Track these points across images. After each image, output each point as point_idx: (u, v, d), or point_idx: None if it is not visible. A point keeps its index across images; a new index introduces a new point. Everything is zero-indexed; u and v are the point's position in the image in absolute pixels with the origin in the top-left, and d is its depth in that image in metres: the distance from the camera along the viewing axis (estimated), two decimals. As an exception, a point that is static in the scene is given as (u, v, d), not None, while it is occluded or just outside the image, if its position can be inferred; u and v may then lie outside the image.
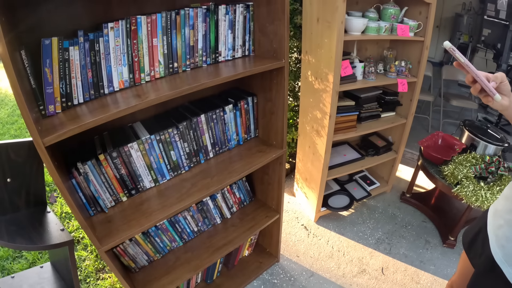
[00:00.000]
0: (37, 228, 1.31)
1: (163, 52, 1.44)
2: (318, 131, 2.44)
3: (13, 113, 6.43)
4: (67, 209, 3.29)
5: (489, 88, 1.03)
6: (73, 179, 1.37)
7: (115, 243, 1.35)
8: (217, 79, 1.43)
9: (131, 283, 1.68)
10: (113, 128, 1.64)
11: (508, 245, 1.12)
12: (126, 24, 1.31)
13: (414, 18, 2.42)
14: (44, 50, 1.15)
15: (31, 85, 1.15)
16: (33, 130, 1.00)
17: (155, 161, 1.59)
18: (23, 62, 1.10)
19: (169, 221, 1.81)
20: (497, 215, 1.22)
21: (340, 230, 2.80)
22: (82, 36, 1.22)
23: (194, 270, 1.80)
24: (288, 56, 1.64)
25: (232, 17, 1.61)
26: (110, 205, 1.54)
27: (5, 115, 6.10)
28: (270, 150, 1.89)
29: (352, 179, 3.12)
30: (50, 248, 1.26)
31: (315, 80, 2.33)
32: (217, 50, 1.62)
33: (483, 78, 1.02)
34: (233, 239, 1.98)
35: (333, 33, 2.03)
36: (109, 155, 1.44)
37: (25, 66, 1.11)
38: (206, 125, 1.72)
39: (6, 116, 6.03)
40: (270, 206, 2.22)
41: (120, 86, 1.38)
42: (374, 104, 2.69)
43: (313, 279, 2.39)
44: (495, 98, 1.03)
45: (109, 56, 1.31)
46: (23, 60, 1.10)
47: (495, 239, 1.19)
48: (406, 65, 2.54)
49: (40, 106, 1.20)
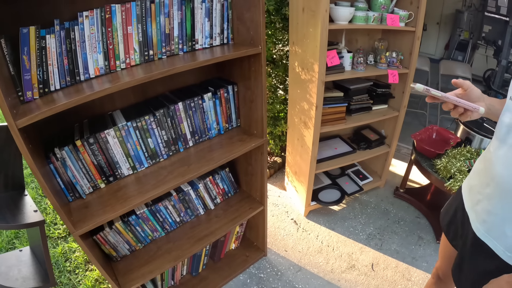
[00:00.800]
0: (13, 209, 1.41)
1: (138, 40, 1.53)
2: (305, 123, 2.52)
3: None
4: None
5: (472, 107, 1.11)
6: (50, 164, 1.47)
7: (89, 227, 1.44)
8: (190, 63, 1.52)
9: (112, 272, 1.77)
10: (93, 116, 1.73)
11: (490, 218, 1.16)
12: (100, 13, 1.40)
13: (405, 8, 2.47)
14: (22, 39, 1.24)
15: (10, 72, 1.25)
16: (7, 113, 1.09)
17: (132, 148, 1.69)
18: (2, 50, 1.20)
19: (149, 210, 1.90)
20: (473, 192, 1.26)
21: (331, 225, 2.88)
22: (58, 24, 1.32)
23: (174, 260, 1.89)
24: (265, 43, 1.71)
25: (209, 5, 1.69)
26: (88, 191, 1.63)
27: None
28: (251, 140, 1.97)
29: (345, 174, 3.20)
30: (21, 227, 1.36)
31: (301, 70, 2.42)
32: (193, 38, 1.70)
33: (464, 101, 1.11)
34: (215, 230, 2.07)
35: (317, 22, 2.10)
36: (86, 141, 1.53)
37: (4, 54, 1.21)
38: (184, 113, 1.81)
39: None
40: (254, 197, 2.31)
41: (95, 73, 1.47)
42: (364, 96, 2.76)
43: (300, 274, 2.46)
44: (480, 111, 1.12)
45: (84, 44, 1.41)
46: (3, 48, 1.20)
47: (475, 215, 1.23)
48: (398, 56, 2.61)
49: (19, 92, 1.29)
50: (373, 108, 2.85)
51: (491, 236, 1.15)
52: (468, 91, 1.15)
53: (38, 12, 1.37)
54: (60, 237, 2.83)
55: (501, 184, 1.09)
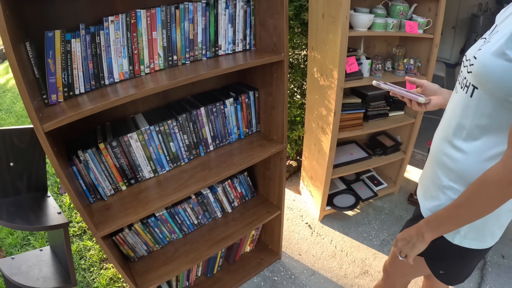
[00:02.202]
0: (36, 210, 1.39)
1: (163, 45, 1.51)
2: (323, 128, 2.48)
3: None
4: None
5: (413, 97, 1.29)
6: (73, 166, 1.45)
7: (111, 229, 1.42)
8: (214, 71, 1.49)
9: (130, 272, 1.76)
10: (115, 119, 1.72)
11: (424, 181, 1.25)
12: (126, 18, 1.38)
13: (424, 15, 2.42)
14: (47, 42, 1.23)
15: (35, 75, 1.23)
16: (33, 116, 1.07)
17: (155, 152, 1.66)
18: (27, 53, 1.18)
19: (168, 212, 1.88)
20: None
21: (345, 230, 2.83)
22: (84, 29, 1.30)
23: (191, 262, 1.86)
24: (288, 50, 1.68)
25: (232, 11, 1.66)
26: (109, 193, 1.62)
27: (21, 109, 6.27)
28: (271, 145, 1.94)
29: (359, 179, 3.14)
30: (46, 229, 1.34)
31: (320, 76, 2.38)
32: (217, 44, 1.68)
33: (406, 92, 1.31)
34: (233, 233, 2.04)
35: (337, 29, 2.06)
36: (109, 144, 1.52)
37: (29, 56, 1.19)
38: (206, 118, 1.79)
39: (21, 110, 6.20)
40: (271, 202, 2.27)
41: (120, 77, 1.46)
42: (381, 102, 2.71)
43: (313, 278, 2.42)
44: (419, 100, 1.27)
45: (109, 48, 1.39)
46: (28, 51, 1.18)
47: (419, 184, 1.33)
48: (415, 63, 2.55)
49: (44, 95, 1.28)
50: (390, 114, 2.79)
51: (424, 198, 1.24)
52: (424, 88, 1.34)
53: (60, 16, 1.36)
54: (75, 235, 2.83)
55: (431, 150, 1.20)
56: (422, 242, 1.12)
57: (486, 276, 2.38)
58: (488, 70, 0.88)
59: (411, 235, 1.15)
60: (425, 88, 1.33)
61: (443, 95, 1.29)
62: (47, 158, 1.26)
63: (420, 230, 1.12)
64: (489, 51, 0.88)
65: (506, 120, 0.90)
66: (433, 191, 1.17)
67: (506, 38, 0.83)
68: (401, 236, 1.20)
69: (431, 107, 1.29)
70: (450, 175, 1.08)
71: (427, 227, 1.10)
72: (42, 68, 1.26)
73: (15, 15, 1.11)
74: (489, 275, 2.39)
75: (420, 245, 1.13)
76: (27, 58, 1.18)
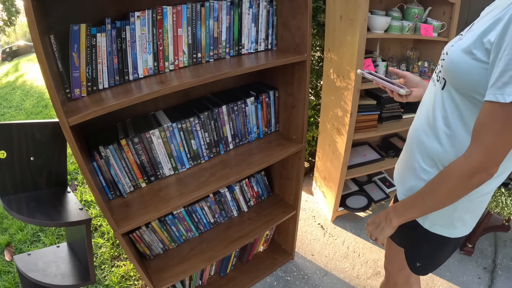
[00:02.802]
0: (57, 206, 1.35)
1: (188, 42, 1.48)
2: (338, 129, 2.45)
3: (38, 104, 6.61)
4: (86, 197, 3.39)
5: (395, 88, 1.33)
6: (94, 162, 1.42)
7: (131, 226, 1.40)
8: (240, 69, 1.46)
9: (145, 270, 1.73)
10: (135, 115, 1.69)
11: (398, 166, 1.32)
12: (152, 14, 1.36)
13: (438, 18, 2.40)
14: (73, 36, 1.21)
15: (59, 68, 1.21)
16: (59, 110, 1.05)
17: (176, 149, 1.64)
18: (51, 46, 1.16)
19: (186, 210, 1.85)
20: None
21: (357, 231, 2.80)
22: (110, 23, 1.28)
23: (208, 260, 1.83)
24: (310, 51, 1.66)
25: (256, 10, 1.64)
26: (129, 190, 1.59)
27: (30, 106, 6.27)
28: (290, 144, 1.91)
29: (371, 181, 3.10)
30: (68, 225, 1.31)
31: (337, 77, 2.35)
32: (240, 43, 1.65)
33: (388, 84, 1.36)
34: (249, 232, 2.01)
35: (355, 31, 2.04)
36: (130, 140, 1.49)
37: (53, 50, 1.17)
38: (227, 116, 1.76)
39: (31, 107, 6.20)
40: (287, 201, 2.24)
41: (144, 73, 1.43)
42: (396, 104, 2.67)
43: (326, 279, 2.39)
44: (400, 92, 1.30)
45: (135, 44, 1.37)
46: (52, 44, 1.16)
47: (395, 169, 1.35)
48: (429, 66, 2.52)
49: (66, 89, 1.26)
50: (403, 116, 2.76)
51: (401, 183, 1.27)
52: (406, 79, 1.37)
53: (82, 10, 1.33)
54: (87, 232, 2.80)
55: (409, 136, 1.24)
56: (390, 226, 1.16)
57: (496, 279, 2.35)
58: (456, 66, 0.93)
59: (380, 220, 1.20)
60: (407, 80, 1.37)
61: (424, 88, 1.32)
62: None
63: (388, 216, 1.17)
64: (459, 48, 0.93)
65: (472, 114, 0.94)
66: (407, 174, 1.21)
67: (475, 37, 0.88)
68: (371, 220, 1.25)
69: (411, 98, 1.33)
70: (426, 161, 1.12)
71: (395, 213, 1.15)
72: (65, 62, 1.24)
73: (41, 5, 1.08)
74: (499, 278, 2.35)
75: (388, 230, 1.17)
76: (51, 51, 1.15)
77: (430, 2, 2.40)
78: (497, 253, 2.56)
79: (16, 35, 37.14)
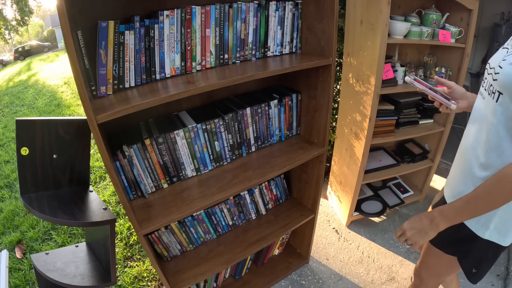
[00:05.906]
0: (79, 205, 1.30)
1: (215, 43, 1.44)
2: (356, 134, 2.39)
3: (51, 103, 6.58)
4: (103, 198, 3.35)
5: (445, 102, 1.29)
6: (117, 161, 1.38)
7: (154, 227, 1.35)
8: (267, 72, 1.41)
9: (162, 271, 1.68)
10: (158, 115, 1.65)
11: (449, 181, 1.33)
12: (181, 13, 1.32)
13: (455, 24, 2.34)
14: (100, 32, 1.17)
15: (85, 65, 1.17)
16: (88, 107, 1.01)
17: (199, 150, 1.59)
18: (79, 42, 1.12)
19: (206, 212, 1.80)
20: None
21: (371, 236, 2.73)
22: (138, 21, 1.24)
23: (226, 263, 1.78)
24: (335, 55, 1.61)
25: (282, 13, 1.60)
26: (150, 190, 1.54)
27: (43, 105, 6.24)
28: (312, 148, 1.86)
29: (386, 186, 3.04)
30: (92, 225, 1.26)
31: (356, 82, 2.29)
32: (266, 45, 1.61)
33: (439, 96, 1.31)
34: (267, 235, 1.96)
35: (376, 36, 1.99)
36: (155, 140, 1.45)
37: (80, 46, 1.12)
38: (251, 118, 1.71)
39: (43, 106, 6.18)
40: (305, 205, 2.19)
41: (171, 73, 1.39)
42: (413, 110, 2.62)
43: (341, 283, 2.33)
44: (451, 107, 1.29)
45: (163, 43, 1.33)
46: (79, 40, 1.12)
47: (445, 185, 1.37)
48: (447, 72, 2.47)
49: (92, 87, 1.22)
50: (420, 122, 2.70)
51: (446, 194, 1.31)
52: (452, 90, 1.33)
53: (109, 7, 1.29)
54: (100, 232, 2.77)
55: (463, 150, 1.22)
56: (435, 230, 1.15)
57: (509, 286, 2.28)
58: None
59: (423, 225, 1.17)
60: (453, 90, 1.33)
61: (468, 100, 1.31)
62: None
63: (434, 220, 1.14)
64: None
65: None
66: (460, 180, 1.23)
67: None
68: (410, 226, 1.22)
69: (456, 110, 1.31)
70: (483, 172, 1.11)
71: (442, 217, 1.13)
72: (91, 59, 1.20)
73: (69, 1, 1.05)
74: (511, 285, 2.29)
75: (432, 234, 1.16)
76: (78, 48, 1.11)
77: (447, 8, 2.35)
78: (510, 260, 2.49)
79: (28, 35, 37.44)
